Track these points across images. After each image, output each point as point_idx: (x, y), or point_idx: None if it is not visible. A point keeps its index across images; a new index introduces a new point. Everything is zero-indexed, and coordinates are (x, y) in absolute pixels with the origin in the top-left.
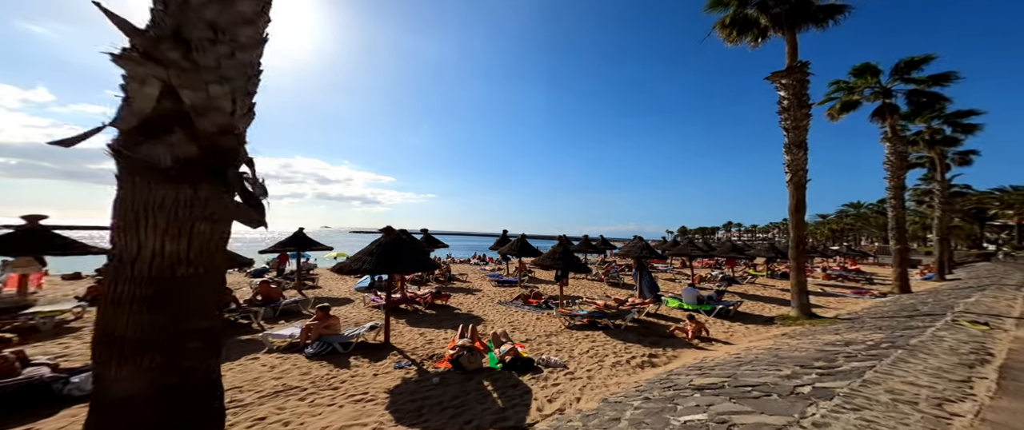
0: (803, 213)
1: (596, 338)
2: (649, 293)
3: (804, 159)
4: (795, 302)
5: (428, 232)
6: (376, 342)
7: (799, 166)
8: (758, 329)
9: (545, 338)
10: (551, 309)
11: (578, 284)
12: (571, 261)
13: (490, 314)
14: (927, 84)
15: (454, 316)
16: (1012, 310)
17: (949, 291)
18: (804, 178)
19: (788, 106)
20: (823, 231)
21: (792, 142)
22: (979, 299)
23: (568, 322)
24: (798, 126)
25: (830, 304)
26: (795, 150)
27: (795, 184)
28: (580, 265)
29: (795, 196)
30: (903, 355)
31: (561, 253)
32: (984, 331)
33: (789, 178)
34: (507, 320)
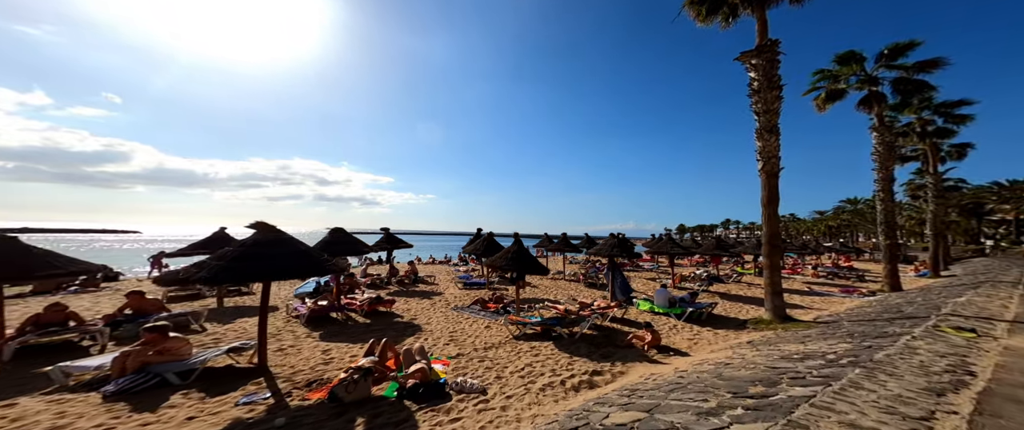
0: (776, 205)
1: (542, 351)
2: (621, 294)
3: (776, 145)
4: (768, 304)
5: (388, 231)
6: (251, 364)
7: (771, 153)
8: (726, 335)
9: (482, 352)
10: (511, 314)
11: (554, 285)
12: (526, 262)
13: (435, 322)
14: (913, 71)
15: (391, 326)
16: (1005, 312)
17: (941, 289)
18: (777, 166)
19: (758, 88)
20: (820, 228)
21: (763, 127)
22: (971, 299)
23: (518, 331)
24: (769, 109)
25: (814, 304)
26: (767, 135)
27: (767, 172)
28: (537, 266)
29: (767, 186)
30: (859, 376)
31: (514, 253)
32: (969, 339)
33: (761, 166)
34: (450, 329)
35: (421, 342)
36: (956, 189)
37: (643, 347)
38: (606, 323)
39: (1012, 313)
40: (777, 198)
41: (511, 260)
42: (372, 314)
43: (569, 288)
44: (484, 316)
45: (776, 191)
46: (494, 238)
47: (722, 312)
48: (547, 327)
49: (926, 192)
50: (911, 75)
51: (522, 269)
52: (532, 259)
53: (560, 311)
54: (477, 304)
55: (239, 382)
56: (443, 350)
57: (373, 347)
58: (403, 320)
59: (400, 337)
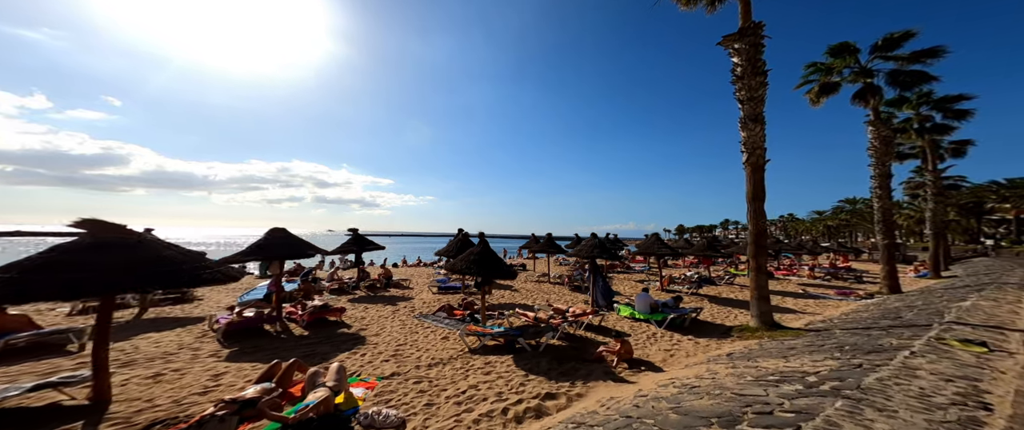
0: (762, 200)
1: (496, 367)
2: (602, 300)
3: (761, 135)
4: (754, 310)
5: (357, 232)
6: (87, 401)
7: (756, 143)
8: (708, 344)
9: (424, 370)
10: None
11: (537, 289)
12: (490, 264)
13: (386, 333)
14: (908, 62)
15: (332, 338)
16: (1017, 319)
17: (943, 291)
18: (763, 157)
19: (742, 74)
20: (818, 228)
21: (748, 115)
22: (976, 304)
23: (477, 343)
24: (754, 96)
25: (808, 308)
26: (751, 125)
27: (752, 165)
28: (503, 269)
29: (752, 179)
30: (839, 414)
31: (477, 255)
32: (980, 355)
33: (746, 158)
34: (400, 341)
35: (353, 358)
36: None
37: (612, 362)
38: (579, 332)
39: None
40: (763, 193)
41: (473, 263)
42: (315, 324)
43: (553, 292)
44: (447, 325)
45: (762, 185)
46: (469, 238)
47: (708, 317)
48: (510, 338)
49: (925, 190)
50: (907, 66)
51: (486, 273)
52: (497, 262)
53: (529, 319)
54: (443, 310)
55: (56, 425)
56: (378, 369)
57: (273, 370)
58: (350, 331)
59: (334, 352)
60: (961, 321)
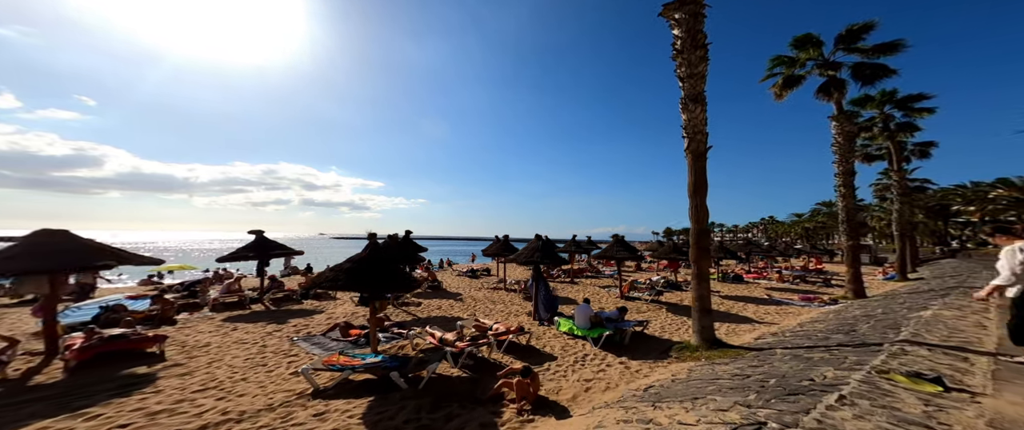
0: (704, 194)
1: (332, 418)
2: (544, 312)
3: (702, 117)
4: (695, 325)
5: (261, 234)
6: None
7: (697, 127)
8: (639, 368)
9: (250, 418)
10: (339, 356)
11: (489, 298)
12: (379, 275)
13: (216, 367)
14: (871, 54)
15: (110, 382)
16: (983, 335)
17: (906, 296)
18: (704, 143)
19: (682, 48)
20: (796, 230)
21: (688, 95)
22: (938, 313)
23: (330, 381)
24: (694, 73)
25: (766, 316)
26: (691, 106)
27: (693, 152)
28: (401, 280)
29: (693, 169)
30: None
31: (358, 263)
32: (931, 398)
33: (687, 144)
34: (221, 381)
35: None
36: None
37: (511, 401)
38: (496, 356)
39: (993, 339)
40: (705, 185)
41: (348, 273)
42: (95, 363)
43: (503, 301)
44: (321, 351)
45: (704, 176)
46: (410, 239)
47: (657, 330)
48: (382, 371)
49: (892, 191)
50: (870, 59)
51: (374, 286)
52: (392, 271)
53: (434, 341)
54: (336, 330)
55: None
56: (166, 421)
57: None
58: (151, 369)
59: (59, 411)
60: (917, 338)
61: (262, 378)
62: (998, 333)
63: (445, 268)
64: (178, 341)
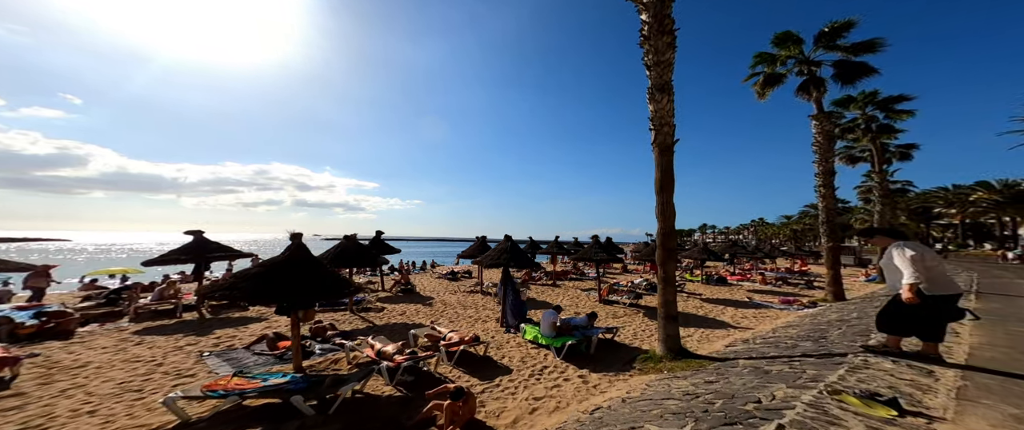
0: (671, 191)
1: None
2: (512, 318)
3: (670, 108)
4: (660, 334)
5: (199, 234)
6: None
7: (664, 118)
8: (597, 383)
9: None
10: (241, 378)
11: (462, 303)
12: (305, 282)
13: (77, 388)
14: (852, 52)
15: None
16: (953, 347)
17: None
18: (671, 136)
19: (649, 33)
20: (785, 232)
21: (655, 84)
22: None
23: (210, 409)
24: (661, 61)
25: (743, 320)
26: (658, 95)
27: (660, 146)
28: (329, 287)
29: (660, 164)
30: None
31: (277, 265)
32: (885, 423)
33: (653, 137)
34: (82, 410)
35: None
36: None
37: (440, 427)
38: (443, 370)
39: (965, 347)
40: (672, 181)
41: (254, 280)
42: None
43: (478, 305)
44: (231, 369)
45: (671, 172)
46: (358, 241)
47: (628, 337)
48: (287, 393)
49: (874, 193)
50: (851, 57)
51: (294, 294)
52: (318, 278)
53: (371, 353)
54: (262, 342)
55: None
56: None
57: None
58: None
59: None
60: (885, 346)
61: (119, 409)
62: (970, 341)
63: (427, 270)
64: (53, 360)
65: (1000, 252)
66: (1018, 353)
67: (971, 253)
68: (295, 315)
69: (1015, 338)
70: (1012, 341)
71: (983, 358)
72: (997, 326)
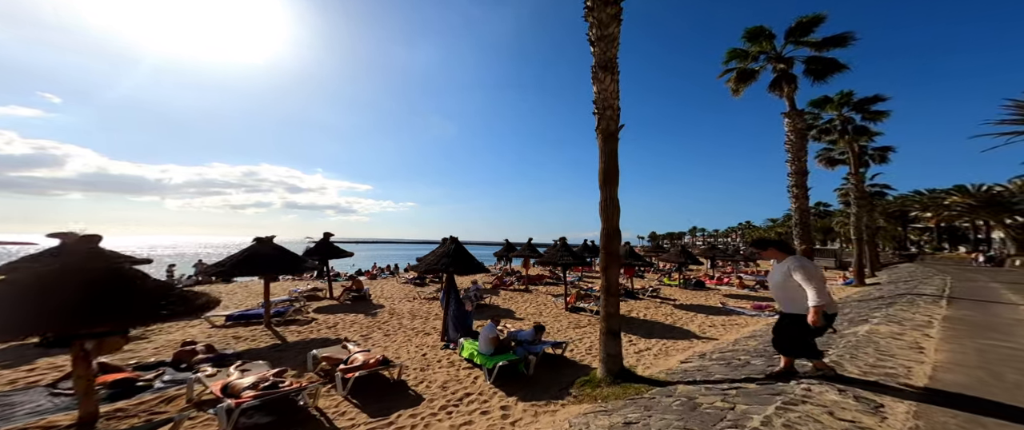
0: (615, 184)
1: None
2: (453, 331)
3: (614, 90)
4: (601, 353)
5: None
6: None
7: (608, 101)
8: (523, 415)
9: None
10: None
11: (414, 312)
12: (79, 305)
13: None
14: (822, 48)
15: None
16: (913, 366)
17: (855, 305)
18: (616, 121)
19: (593, 4)
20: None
21: (598, 62)
22: (874, 330)
23: None
24: (604, 35)
25: (714, 327)
26: (602, 75)
27: (604, 132)
28: (142, 308)
29: (604, 152)
30: None
31: (42, 277)
32: None
33: (597, 123)
34: None
35: None
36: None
37: None
38: (328, 403)
39: (926, 368)
40: (616, 173)
41: (93, 297)
42: None
43: (429, 315)
44: (49, 408)
45: (615, 162)
46: (273, 243)
47: (584, 351)
48: None
49: (849, 194)
50: (821, 52)
51: (66, 322)
52: (119, 294)
53: (216, 389)
54: None
55: None
56: None
57: None
58: None
59: None
60: (837, 367)
61: None
62: (933, 358)
63: (395, 273)
64: None
65: (973, 255)
66: (988, 375)
67: (946, 256)
68: (78, 348)
69: (986, 354)
70: (982, 358)
71: (946, 382)
72: (966, 339)
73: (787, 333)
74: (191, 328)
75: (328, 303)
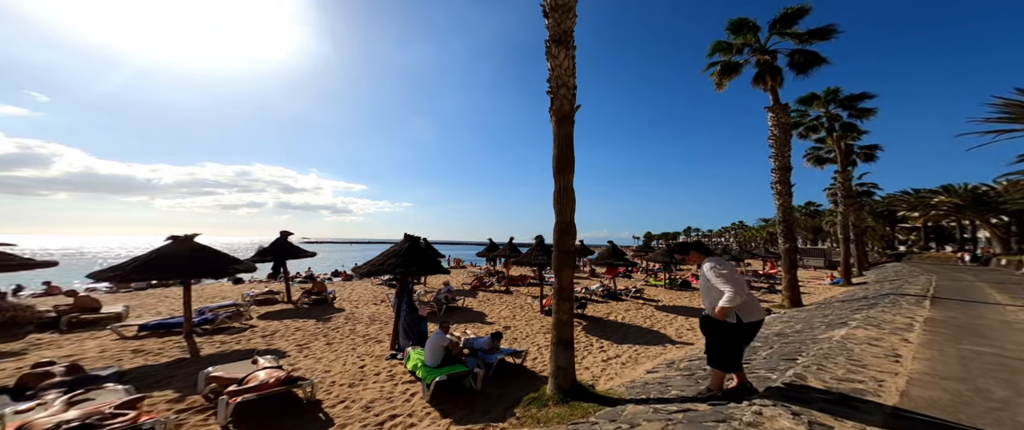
0: (570, 172)
1: None
2: (403, 338)
3: (569, 66)
4: (551, 366)
5: None
6: None
7: (562, 78)
8: None
9: None
10: None
11: (358, 317)
12: None
13: None
14: (805, 40)
15: None
16: (886, 378)
17: (837, 306)
18: (571, 101)
19: None
20: (763, 235)
21: (552, 35)
22: (850, 334)
23: None
24: (559, 4)
25: (691, 330)
26: (555, 50)
27: (558, 113)
28: None
29: (558, 136)
30: None
31: None
32: None
33: (551, 103)
34: None
35: None
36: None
37: None
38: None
39: (901, 380)
40: (571, 161)
41: None
42: None
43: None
44: None
45: (569, 147)
46: (193, 241)
47: (543, 361)
48: None
49: (836, 193)
50: (805, 45)
51: None
52: None
53: (98, 409)
54: None
55: None
56: None
57: None
58: None
59: None
60: (802, 381)
61: None
62: (910, 368)
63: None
64: None
65: (960, 254)
66: (969, 390)
67: (932, 255)
68: None
69: (968, 363)
70: (964, 368)
71: (920, 400)
72: (949, 344)
73: (723, 347)
74: (93, 340)
75: (281, 308)
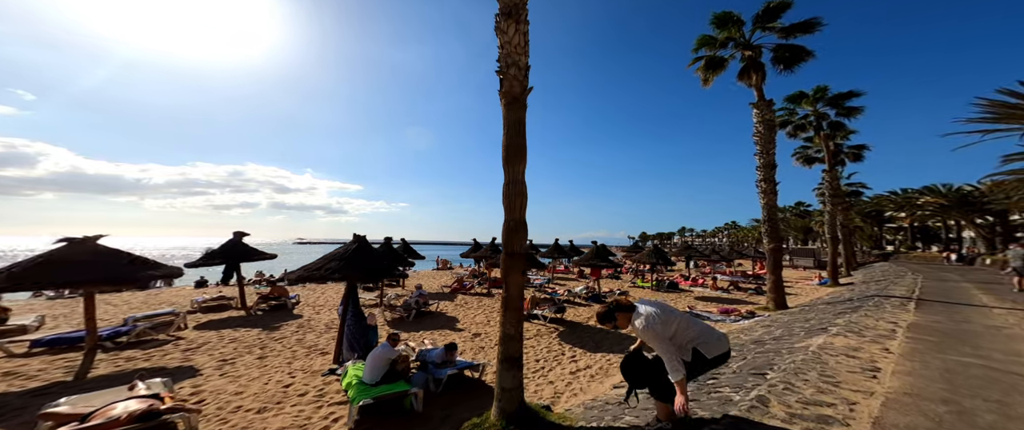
0: (522, 161)
1: None
2: (348, 349)
3: (520, 43)
4: (496, 387)
5: None
6: None
7: (513, 57)
8: None
9: None
10: None
11: (315, 326)
12: None
13: None
14: (789, 34)
15: None
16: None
17: (821, 308)
18: (522, 82)
19: None
20: (755, 234)
21: (502, 8)
22: (827, 344)
23: None
24: None
25: None
26: (504, 24)
27: (507, 95)
28: None
29: (508, 121)
30: None
31: None
32: None
33: (500, 84)
34: None
35: None
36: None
37: None
38: None
39: (877, 401)
40: (522, 149)
41: None
42: None
43: None
44: None
45: (520, 133)
46: (96, 243)
47: (493, 378)
48: None
49: (824, 192)
50: (788, 39)
51: None
52: None
53: None
54: None
55: None
56: None
57: None
58: None
59: None
60: (766, 403)
61: None
62: (887, 385)
63: None
64: None
65: (945, 254)
66: (952, 413)
67: (918, 255)
68: None
69: (953, 377)
70: (948, 384)
71: (896, 428)
72: (932, 353)
73: (666, 381)
74: None
75: (231, 315)
